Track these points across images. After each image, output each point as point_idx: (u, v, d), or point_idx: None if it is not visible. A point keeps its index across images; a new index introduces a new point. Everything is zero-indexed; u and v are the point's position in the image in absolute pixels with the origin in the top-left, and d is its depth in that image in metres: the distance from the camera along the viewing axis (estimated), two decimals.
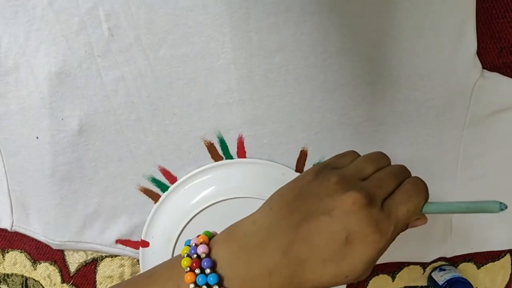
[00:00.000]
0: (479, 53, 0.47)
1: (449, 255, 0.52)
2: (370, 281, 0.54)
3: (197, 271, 0.30)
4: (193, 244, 0.32)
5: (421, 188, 0.32)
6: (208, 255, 0.31)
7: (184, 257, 0.32)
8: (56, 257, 0.55)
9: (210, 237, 0.33)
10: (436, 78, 0.47)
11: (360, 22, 0.46)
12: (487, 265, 0.54)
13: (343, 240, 0.29)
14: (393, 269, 0.54)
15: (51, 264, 0.55)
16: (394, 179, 0.32)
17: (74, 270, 0.55)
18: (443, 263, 0.54)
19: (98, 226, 0.52)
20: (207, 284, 0.30)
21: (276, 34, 0.46)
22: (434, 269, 0.53)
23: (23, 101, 0.49)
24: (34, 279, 0.55)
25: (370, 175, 0.33)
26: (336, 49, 0.46)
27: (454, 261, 0.54)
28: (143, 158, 0.50)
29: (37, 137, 0.49)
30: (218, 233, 0.34)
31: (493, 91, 0.48)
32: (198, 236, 0.33)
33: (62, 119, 0.49)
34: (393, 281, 0.54)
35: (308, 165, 0.50)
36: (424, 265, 0.54)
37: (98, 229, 0.52)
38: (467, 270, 0.54)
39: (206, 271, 0.30)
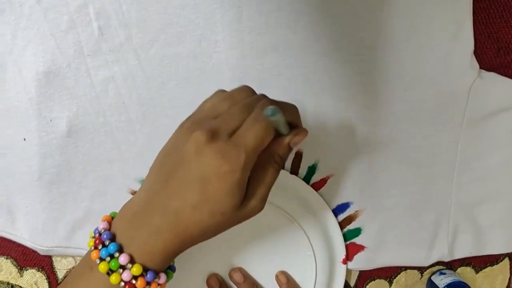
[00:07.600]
0: (476, 53, 0.47)
1: (447, 259, 0.51)
2: (367, 286, 0.53)
3: (100, 247, 0.32)
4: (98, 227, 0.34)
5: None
6: (108, 230, 0.33)
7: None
8: (43, 263, 0.53)
9: (113, 217, 0.35)
10: (432, 78, 0.47)
11: (353, 22, 0.45)
12: (486, 270, 0.53)
13: (201, 181, 0.30)
14: (390, 273, 0.53)
15: (38, 271, 0.53)
16: (245, 111, 0.32)
17: (62, 276, 0.53)
18: (441, 267, 0.53)
19: (88, 231, 0.51)
20: (110, 255, 0.32)
21: (269, 33, 0.45)
22: (434, 273, 0.52)
23: (10, 102, 0.48)
24: (20, 287, 0.54)
25: (225, 112, 0.33)
26: (329, 49, 0.46)
27: (452, 266, 0.53)
28: (134, 160, 0.49)
29: (25, 139, 0.48)
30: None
31: (491, 91, 0.47)
32: None
33: (51, 120, 0.47)
34: (390, 286, 0.53)
35: (303, 167, 0.49)
36: (421, 270, 0.53)
37: (87, 234, 0.51)
38: (466, 274, 0.53)
39: (105, 243, 0.32)
